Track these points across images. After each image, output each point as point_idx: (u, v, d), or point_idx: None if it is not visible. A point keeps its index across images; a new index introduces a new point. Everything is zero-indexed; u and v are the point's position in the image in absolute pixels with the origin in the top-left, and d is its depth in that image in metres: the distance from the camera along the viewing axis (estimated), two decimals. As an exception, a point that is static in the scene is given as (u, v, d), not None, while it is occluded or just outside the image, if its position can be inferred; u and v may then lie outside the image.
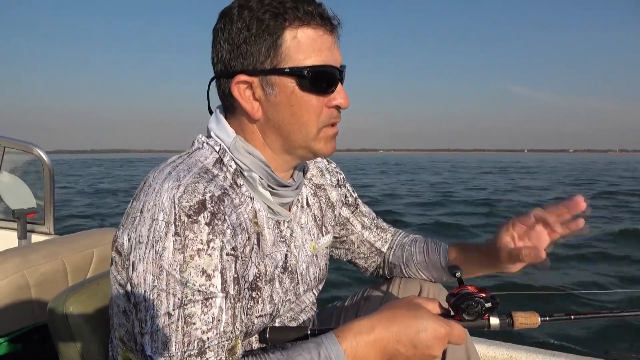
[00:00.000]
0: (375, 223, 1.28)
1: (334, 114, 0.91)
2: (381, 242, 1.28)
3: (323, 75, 0.87)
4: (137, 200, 0.82)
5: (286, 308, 1.01)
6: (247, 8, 0.85)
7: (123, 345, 0.89)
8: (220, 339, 0.77)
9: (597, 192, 16.19)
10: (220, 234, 0.78)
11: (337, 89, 0.90)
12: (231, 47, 0.86)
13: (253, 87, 0.88)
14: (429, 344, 0.81)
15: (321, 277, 1.13)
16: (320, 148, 0.93)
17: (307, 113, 0.88)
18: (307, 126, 0.89)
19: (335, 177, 1.20)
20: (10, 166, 2.92)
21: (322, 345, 0.80)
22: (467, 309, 0.87)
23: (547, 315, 0.91)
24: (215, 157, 0.90)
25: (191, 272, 0.75)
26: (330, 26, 0.88)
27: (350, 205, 1.24)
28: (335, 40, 0.90)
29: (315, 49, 0.86)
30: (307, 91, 0.87)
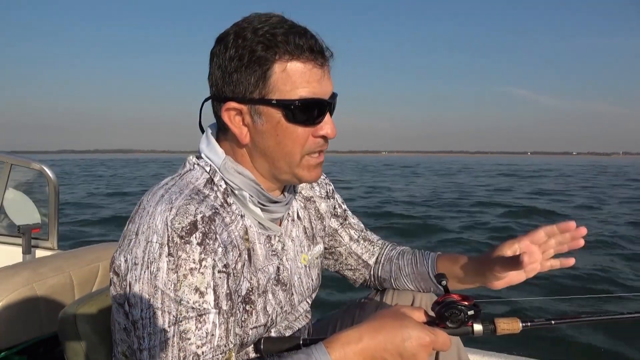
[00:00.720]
0: (363, 235, 1.32)
1: (320, 143, 0.94)
2: (368, 255, 1.31)
3: (309, 107, 0.89)
4: (133, 223, 0.86)
5: (281, 318, 1.04)
6: (242, 37, 0.88)
7: (125, 359, 0.93)
8: (214, 353, 0.81)
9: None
10: (212, 252, 0.82)
11: (325, 120, 0.93)
12: (223, 74, 0.90)
13: (242, 113, 0.92)
14: (414, 351, 0.85)
15: (314, 286, 1.17)
16: (304, 175, 0.96)
17: (292, 143, 0.91)
18: (291, 155, 0.93)
19: (325, 189, 1.24)
20: (16, 182, 2.97)
21: (312, 356, 0.84)
22: (451, 317, 0.90)
23: (529, 320, 0.94)
24: (205, 177, 0.94)
25: (185, 291, 0.79)
26: (321, 59, 0.90)
27: (338, 217, 1.28)
28: (326, 72, 0.92)
29: (303, 81, 0.88)
30: (293, 122, 0.90)
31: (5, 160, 2.81)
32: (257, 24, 0.88)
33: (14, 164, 2.82)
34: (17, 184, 2.99)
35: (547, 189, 19.87)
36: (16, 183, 2.98)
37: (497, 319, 0.94)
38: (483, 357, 1.76)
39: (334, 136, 0.95)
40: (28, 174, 3.00)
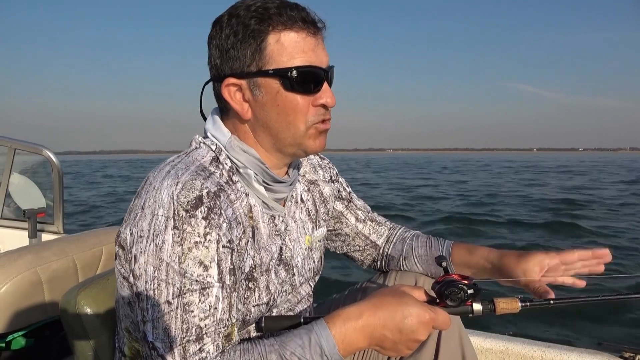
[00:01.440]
0: (369, 216, 1.32)
1: (321, 112, 0.95)
2: (376, 235, 1.31)
3: (306, 75, 0.90)
4: (139, 198, 0.87)
5: (283, 299, 1.05)
6: (235, 15, 0.90)
7: (129, 335, 0.94)
8: (216, 326, 0.81)
9: None
10: (217, 227, 0.83)
11: (323, 88, 0.93)
12: (221, 53, 0.92)
13: (242, 89, 0.92)
14: (413, 328, 0.86)
15: (317, 269, 1.17)
16: (310, 145, 0.96)
17: (293, 112, 0.92)
18: (294, 125, 0.93)
19: (328, 172, 1.25)
20: (21, 167, 2.99)
21: (313, 331, 0.84)
22: (451, 295, 0.91)
23: (528, 300, 0.95)
24: (211, 155, 0.95)
25: (189, 263, 0.80)
26: (314, 29, 0.91)
27: (343, 199, 1.28)
28: (320, 42, 0.93)
29: (298, 50, 0.89)
30: (292, 91, 0.90)
31: (9, 144, 2.83)
32: (249, 2, 0.90)
33: (17, 149, 2.83)
34: (21, 169, 3.01)
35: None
36: (21, 168, 3.00)
37: (496, 298, 0.94)
38: (486, 339, 1.76)
39: (334, 104, 0.95)
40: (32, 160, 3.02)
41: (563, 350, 1.65)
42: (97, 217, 11.16)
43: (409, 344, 0.87)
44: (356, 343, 0.86)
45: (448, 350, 1.17)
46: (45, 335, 1.62)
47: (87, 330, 1.07)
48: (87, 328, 1.07)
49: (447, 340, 1.17)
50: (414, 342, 0.88)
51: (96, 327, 1.07)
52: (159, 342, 0.80)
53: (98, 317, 1.07)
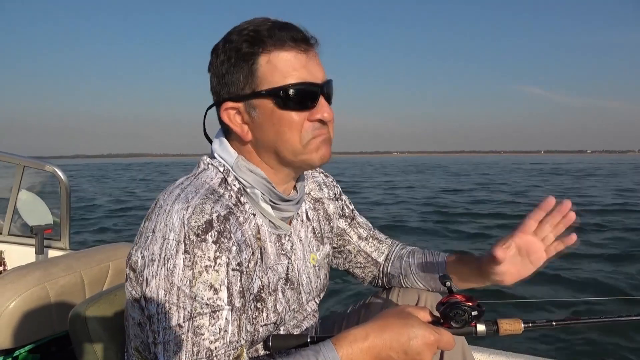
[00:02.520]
0: (371, 234, 1.33)
1: (317, 126, 0.95)
2: (377, 253, 1.32)
3: (298, 92, 0.91)
4: (149, 221, 0.88)
5: (290, 317, 1.06)
6: (229, 41, 0.93)
7: (138, 354, 0.95)
8: (226, 348, 0.82)
9: None
10: (227, 251, 0.84)
11: (319, 103, 0.94)
12: (218, 79, 0.95)
13: (240, 112, 0.95)
14: (419, 350, 0.86)
15: (322, 286, 1.18)
16: (313, 158, 0.97)
17: (289, 129, 0.93)
18: (291, 142, 0.94)
19: (333, 190, 1.26)
20: (29, 184, 3.03)
21: (321, 352, 0.85)
22: (455, 317, 0.92)
23: (530, 322, 0.96)
24: (220, 177, 0.97)
25: (200, 287, 0.81)
26: (305, 46, 0.93)
27: (346, 217, 1.30)
28: (312, 58, 0.94)
29: (289, 68, 0.91)
30: (286, 109, 0.92)
31: (18, 162, 2.87)
32: (242, 27, 0.93)
33: (26, 166, 2.87)
34: (29, 185, 3.04)
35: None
36: (29, 185, 3.03)
37: (500, 319, 0.95)
38: (489, 355, 1.76)
39: (330, 118, 0.95)
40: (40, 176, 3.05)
41: None
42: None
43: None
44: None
45: None
46: (52, 350, 1.63)
47: (94, 346, 1.08)
48: (95, 343, 1.08)
49: (451, 356, 1.18)
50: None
51: (104, 342, 1.08)
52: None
53: (106, 332, 1.08)
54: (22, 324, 1.43)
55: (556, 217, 1.03)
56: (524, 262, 1.07)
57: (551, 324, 0.96)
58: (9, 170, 2.95)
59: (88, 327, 1.08)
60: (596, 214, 11.39)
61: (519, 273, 1.09)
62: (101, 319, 1.09)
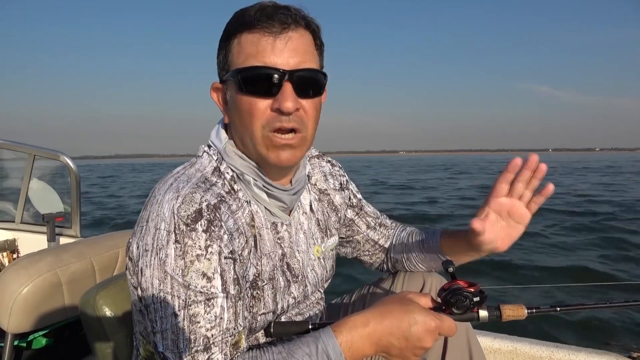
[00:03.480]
0: (379, 222, 1.32)
1: (276, 117, 0.88)
2: (384, 239, 1.32)
3: (254, 76, 0.87)
4: (145, 210, 0.89)
5: (290, 305, 1.06)
6: (227, 23, 0.94)
7: (143, 339, 0.98)
8: (223, 335, 0.83)
9: None
10: (218, 239, 0.84)
11: (281, 91, 0.87)
12: (217, 61, 0.97)
13: (222, 92, 0.97)
14: (420, 336, 0.86)
15: (328, 277, 1.18)
16: (268, 155, 0.91)
17: (248, 115, 0.89)
18: (251, 129, 0.90)
19: (339, 180, 1.24)
20: (40, 173, 3.07)
21: (320, 339, 0.85)
22: (457, 303, 0.91)
23: (534, 307, 0.95)
24: (213, 165, 0.96)
25: (192, 276, 0.81)
26: (277, 28, 0.86)
27: (354, 207, 1.28)
28: (284, 41, 0.87)
29: (254, 51, 0.87)
30: (245, 93, 0.88)
31: (29, 151, 2.91)
32: (242, 10, 0.92)
33: (37, 155, 2.91)
34: (40, 174, 3.09)
35: None
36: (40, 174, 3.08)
37: (502, 305, 0.95)
38: (494, 339, 1.77)
39: (288, 110, 0.87)
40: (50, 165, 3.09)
41: (571, 351, 1.65)
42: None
43: (416, 351, 0.88)
44: (363, 351, 0.87)
45: (456, 350, 1.18)
46: (65, 335, 1.66)
47: (105, 330, 1.11)
48: (106, 327, 1.10)
49: (455, 340, 1.18)
50: (420, 350, 0.88)
51: (114, 326, 1.11)
52: (169, 352, 0.82)
53: (116, 316, 1.11)
54: (35, 309, 1.46)
55: (525, 173, 0.99)
56: (510, 224, 1.05)
57: (555, 309, 0.95)
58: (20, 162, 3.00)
59: (98, 312, 1.10)
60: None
61: (508, 237, 1.06)
62: (111, 303, 1.11)
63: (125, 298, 1.13)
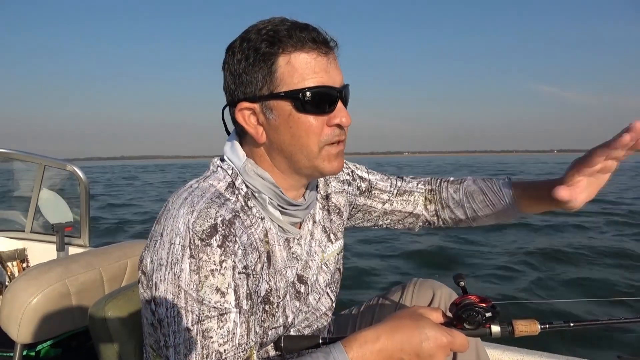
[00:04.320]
0: (397, 191, 1.29)
1: (336, 132, 0.94)
2: (410, 205, 1.28)
3: (318, 95, 0.90)
4: (159, 224, 0.89)
5: (300, 318, 1.06)
6: (247, 40, 0.91)
7: (153, 352, 0.97)
8: (235, 351, 0.83)
9: None
10: (232, 254, 0.84)
11: (337, 108, 0.92)
12: (234, 78, 0.93)
13: (256, 112, 0.93)
14: (431, 352, 0.85)
15: (336, 281, 1.18)
16: (325, 167, 0.95)
17: (306, 134, 0.92)
18: (307, 146, 0.93)
19: (341, 179, 1.23)
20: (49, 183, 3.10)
21: (330, 355, 0.84)
22: (469, 319, 0.90)
23: (547, 323, 0.93)
24: (227, 181, 0.96)
25: (206, 291, 0.81)
26: (325, 48, 0.91)
27: (364, 192, 1.27)
28: (332, 61, 0.92)
29: (309, 71, 0.89)
30: (304, 112, 0.90)
31: (39, 161, 2.94)
32: (260, 26, 0.91)
33: (47, 165, 2.94)
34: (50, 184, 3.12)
35: None
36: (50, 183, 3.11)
37: (515, 320, 0.93)
38: (503, 352, 1.76)
39: (349, 124, 0.94)
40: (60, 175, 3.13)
41: None
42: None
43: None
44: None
45: None
46: (73, 345, 1.67)
47: (114, 340, 1.10)
48: (114, 338, 1.10)
49: (464, 354, 1.17)
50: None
51: (123, 337, 1.10)
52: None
53: (124, 327, 1.11)
54: (44, 320, 1.47)
55: (624, 152, 0.89)
56: (591, 183, 0.97)
57: (569, 325, 0.93)
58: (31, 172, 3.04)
59: (107, 323, 1.10)
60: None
61: (588, 196, 0.99)
62: (119, 314, 1.11)
63: (133, 309, 1.13)
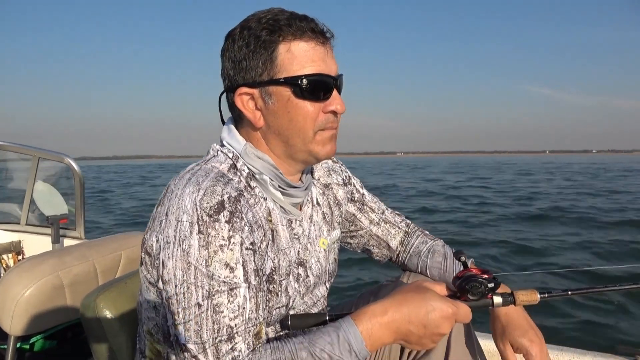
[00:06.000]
0: (383, 218, 1.34)
1: (330, 118, 0.98)
2: (389, 237, 1.33)
3: (315, 83, 0.94)
4: (162, 205, 0.90)
5: (299, 301, 1.07)
6: (247, 28, 0.94)
7: (151, 337, 0.98)
8: (246, 325, 0.84)
9: None
10: (239, 230, 0.86)
11: (333, 96, 0.97)
12: (234, 64, 0.96)
13: (254, 98, 0.96)
14: (437, 323, 0.88)
15: (331, 270, 1.20)
16: (319, 150, 0.99)
17: (303, 119, 0.95)
18: (304, 130, 0.96)
19: (341, 175, 1.27)
20: (44, 175, 3.09)
21: (341, 328, 0.87)
22: (472, 290, 0.93)
23: (546, 292, 0.96)
24: (229, 163, 0.98)
25: (216, 266, 0.83)
26: (322, 39, 0.95)
27: (356, 202, 1.31)
28: (329, 51, 0.97)
29: (308, 59, 0.93)
30: (302, 98, 0.94)
31: (34, 154, 2.93)
32: (260, 15, 0.95)
33: (41, 157, 2.92)
34: (45, 176, 3.11)
35: None
36: (44, 176, 3.10)
37: (515, 291, 0.97)
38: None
39: (343, 111, 0.98)
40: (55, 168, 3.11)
41: (577, 354, 1.63)
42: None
43: (434, 337, 0.89)
44: (382, 338, 0.88)
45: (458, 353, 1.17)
46: (67, 337, 1.67)
47: (106, 332, 1.10)
48: (107, 330, 1.10)
49: (457, 343, 1.17)
50: (438, 336, 0.90)
51: (115, 328, 1.11)
52: (192, 344, 0.82)
53: (117, 319, 1.11)
54: (38, 311, 1.47)
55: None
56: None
57: (567, 294, 0.97)
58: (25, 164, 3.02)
59: (99, 314, 1.10)
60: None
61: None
62: (112, 306, 1.11)
63: (126, 300, 1.13)
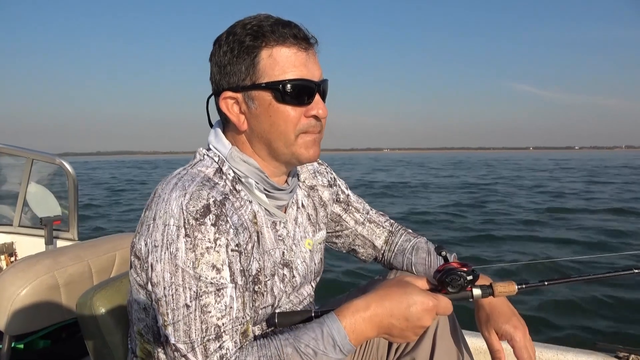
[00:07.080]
0: (368, 218, 1.36)
1: (312, 122, 1.00)
2: (374, 236, 1.36)
3: (296, 87, 0.96)
4: (149, 210, 0.92)
5: (285, 300, 1.10)
6: (232, 34, 0.97)
7: (141, 338, 1.00)
8: (233, 324, 0.87)
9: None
10: (225, 232, 0.89)
11: (315, 100, 0.99)
12: (219, 69, 0.99)
13: (239, 102, 0.99)
14: (419, 316, 0.91)
15: (317, 270, 1.22)
16: (302, 153, 1.01)
17: (284, 122, 0.97)
18: (285, 134, 0.98)
19: (326, 177, 1.30)
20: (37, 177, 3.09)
21: (325, 324, 0.90)
22: (452, 283, 0.96)
23: (524, 283, 1.00)
24: (215, 167, 1.01)
25: (203, 268, 0.85)
26: (305, 44, 0.97)
27: (341, 202, 1.33)
28: (311, 56, 0.99)
29: (289, 65, 0.95)
30: (283, 103, 0.96)
31: (27, 155, 2.93)
32: (246, 21, 0.97)
33: (35, 159, 2.93)
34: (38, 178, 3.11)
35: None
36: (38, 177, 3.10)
37: (494, 282, 1.00)
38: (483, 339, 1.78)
39: (325, 115, 1.00)
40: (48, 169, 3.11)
41: (560, 351, 1.67)
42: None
43: (416, 330, 0.93)
44: (365, 332, 0.91)
45: (444, 350, 1.19)
46: (62, 336, 1.68)
47: (102, 331, 1.12)
48: (102, 328, 1.12)
49: (443, 340, 1.19)
50: (420, 329, 0.93)
51: (110, 327, 1.13)
52: (181, 343, 0.85)
53: (112, 318, 1.13)
54: (33, 311, 1.48)
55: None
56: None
57: (543, 284, 1.00)
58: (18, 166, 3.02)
59: (95, 314, 1.12)
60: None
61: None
62: (107, 305, 1.13)
63: (121, 299, 1.15)
